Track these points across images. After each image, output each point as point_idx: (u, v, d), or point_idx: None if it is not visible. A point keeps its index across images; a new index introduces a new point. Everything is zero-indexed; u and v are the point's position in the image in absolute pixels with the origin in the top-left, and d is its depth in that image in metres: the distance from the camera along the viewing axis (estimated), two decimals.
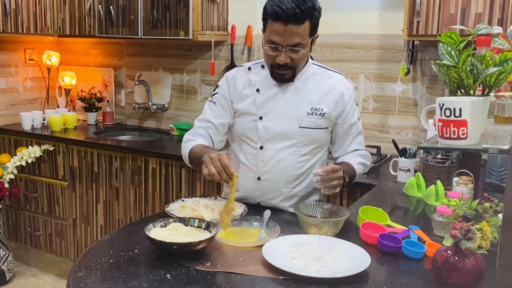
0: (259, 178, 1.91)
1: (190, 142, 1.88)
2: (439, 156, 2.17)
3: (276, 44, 1.72)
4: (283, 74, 1.80)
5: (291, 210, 1.87)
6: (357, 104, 1.97)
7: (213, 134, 1.93)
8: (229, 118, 1.93)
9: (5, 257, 3.37)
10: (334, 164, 1.92)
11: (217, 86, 1.98)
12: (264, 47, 1.77)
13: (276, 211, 1.85)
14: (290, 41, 1.70)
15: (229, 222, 1.61)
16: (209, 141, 1.91)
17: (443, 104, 1.27)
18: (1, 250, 3.35)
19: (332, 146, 2.00)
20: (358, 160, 1.94)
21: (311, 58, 1.92)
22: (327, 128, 1.91)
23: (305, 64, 1.87)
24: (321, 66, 1.94)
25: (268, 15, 1.71)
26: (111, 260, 1.41)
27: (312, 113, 1.85)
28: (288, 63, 1.76)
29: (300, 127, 1.85)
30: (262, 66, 1.91)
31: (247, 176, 1.92)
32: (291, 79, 1.84)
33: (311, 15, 1.70)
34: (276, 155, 1.88)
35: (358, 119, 1.97)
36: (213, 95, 1.96)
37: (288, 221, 1.75)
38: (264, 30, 1.77)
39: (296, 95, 1.86)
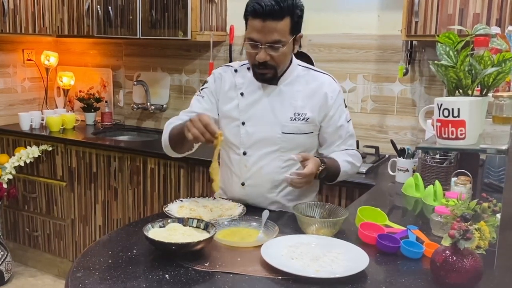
0: (243, 184, 1.88)
1: (170, 125, 1.85)
2: (437, 156, 2.17)
3: (255, 41, 1.70)
4: (264, 73, 1.77)
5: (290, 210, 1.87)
6: (346, 106, 1.92)
7: None
8: (215, 114, 1.89)
9: (4, 258, 3.36)
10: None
11: (205, 82, 1.95)
12: (245, 46, 1.75)
13: (275, 211, 1.85)
14: (268, 37, 1.68)
15: (218, 182, 1.67)
16: None
17: (441, 104, 1.27)
18: (0, 251, 3.35)
19: (321, 149, 1.93)
20: (345, 158, 1.87)
21: (296, 57, 1.88)
22: (312, 132, 1.86)
23: (289, 66, 1.84)
24: (307, 68, 1.90)
25: (248, 13, 1.71)
26: (110, 261, 1.41)
27: (295, 118, 1.81)
28: (268, 61, 1.72)
29: (282, 132, 1.82)
30: (248, 68, 1.87)
31: (232, 181, 1.92)
32: (273, 80, 1.81)
33: (292, 12, 1.69)
34: (259, 160, 1.85)
35: (348, 121, 1.91)
36: (202, 89, 1.93)
37: (286, 221, 1.75)
38: (246, 29, 1.76)
39: (280, 99, 1.83)
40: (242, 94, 1.85)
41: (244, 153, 1.87)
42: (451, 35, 1.43)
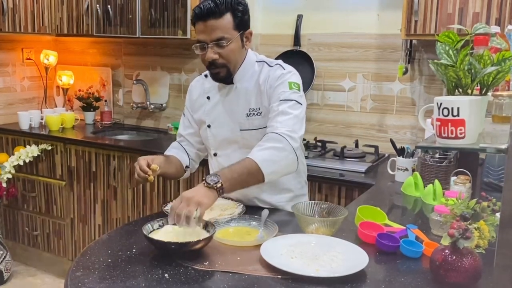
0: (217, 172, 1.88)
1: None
2: (437, 155, 2.17)
3: (201, 42, 1.73)
4: (217, 73, 1.79)
5: (289, 209, 1.87)
6: (294, 88, 1.76)
7: (186, 145, 2.00)
8: (196, 127, 1.98)
9: (3, 257, 3.36)
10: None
11: None
12: (194, 50, 1.77)
13: (274, 210, 1.85)
14: (212, 36, 1.71)
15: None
16: (182, 153, 1.98)
17: (441, 104, 1.27)
18: None
19: None
20: (259, 148, 1.66)
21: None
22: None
23: (243, 63, 1.82)
24: (262, 61, 1.87)
25: (192, 18, 1.75)
26: (109, 260, 1.41)
27: (250, 114, 1.83)
28: (218, 60, 1.75)
29: (240, 130, 1.84)
30: None
31: None
32: (228, 78, 1.82)
33: (232, 8, 1.71)
34: (228, 159, 1.86)
35: (283, 100, 1.73)
36: (185, 106, 2.03)
37: (286, 221, 1.75)
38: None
39: (236, 98, 1.85)
40: (208, 98, 1.92)
41: (215, 154, 1.94)
42: (451, 34, 1.43)
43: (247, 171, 1.61)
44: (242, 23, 1.76)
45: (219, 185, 1.53)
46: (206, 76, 1.94)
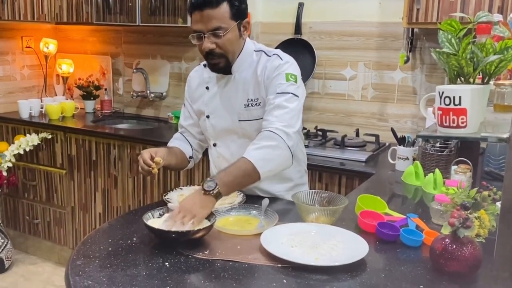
0: (214, 176, 1.88)
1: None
2: (437, 144, 2.17)
3: (198, 32, 1.72)
4: (216, 63, 1.78)
5: (290, 198, 1.87)
6: (291, 80, 1.75)
7: (188, 136, 2.01)
8: (195, 118, 1.98)
9: (4, 245, 3.37)
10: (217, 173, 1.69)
11: None
12: (192, 40, 1.76)
13: (275, 199, 1.85)
14: (209, 25, 1.69)
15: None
16: (185, 144, 1.99)
17: (442, 93, 1.27)
18: (0, 238, 3.36)
19: None
20: (253, 147, 1.66)
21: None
22: None
23: (240, 52, 1.81)
24: (260, 51, 1.86)
25: (189, 8, 1.74)
26: (110, 248, 1.41)
27: (248, 105, 1.82)
28: (215, 50, 1.73)
29: (239, 120, 1.84)
30: None
31: (212, 172, 1.99)
32: (227, 69, 1.81)
33: None
34: (227, 150, 1.90)
35: (281, 93, 1.73)
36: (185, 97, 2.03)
37: (286, 210, 1.75)
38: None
39: (234, 88, 1.84)
40: (207, 88, 1.91)
41: (214, 145, 1.94)
42: (453, 22, 1.41)
43: (243, 173, 1.63)
44: (239, 12, 1.74)
45: (216, 191, 1.54)
46: (204, 66, 1.93)
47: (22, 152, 3.34)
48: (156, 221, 1.50)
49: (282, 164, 1.72)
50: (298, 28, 3.08)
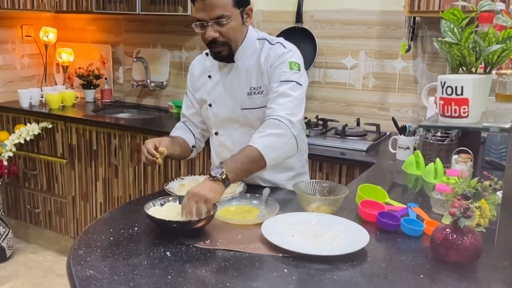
0: (221, 163, 1.87)
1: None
2: (438, 134, 2.16)
3: (201, 20, 1.71)
4: (219, 51, 1.77)
5: (291, 188, 1.87)
6: (294, 68, 1.75)
7: (190, 125, 2.01)
8: (197, 107, 1.97)
9: (5, 234, 3.39)
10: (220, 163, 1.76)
11: None
12: (194, 28, 1.75)
13: (275, 189, 1.85)
14: (212, 14, 1.68)
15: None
16: (187, 133, 1.99)
17: (444, 82, 1.26)
18: (1, 227, 3.37)
19: None
20: (260, 134, 1.67)
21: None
22: None
23: (243, 40, 1.80)
24: (263, 39, 1.85)
25: None
26: (111, 238, 1.42)
27: (251, 93, 1.81)
28: (218, 38, 1.73)
29: (242, 109, 1.83)
30: None
31: (214, 161, 2.00)
32: (230, 57, 1.80)
33: None
34: (229, 138, 1.89)
35: (284, 81, 1.73)
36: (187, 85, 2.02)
37: (287, 199, 1.76)
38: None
39: (237, 76, 1.83)
40: (210, 76, 1.90)
41: (216, 133, 1.93)
42: (456, 11, 1.40)
43: (250, 160, 1.63)
44: (242, 0, 1.73)
45: (223, 176, 1.54)
46: (207, 54, 1.92)
47: (22, 141, 3.34)
48: (157, 210, 1.50)
49: (287, 152, 1.73)
50: (299, 16, 3.06)
